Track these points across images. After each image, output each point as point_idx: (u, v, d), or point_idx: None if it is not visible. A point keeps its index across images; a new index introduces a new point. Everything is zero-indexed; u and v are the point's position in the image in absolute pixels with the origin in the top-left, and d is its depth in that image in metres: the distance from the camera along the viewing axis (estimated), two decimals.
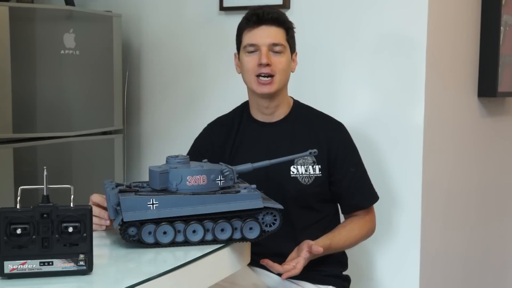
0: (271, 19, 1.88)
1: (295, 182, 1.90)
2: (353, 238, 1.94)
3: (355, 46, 2.46)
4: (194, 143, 2.07)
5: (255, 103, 1.97)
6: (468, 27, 2.72)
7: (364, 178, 2.00)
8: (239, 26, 1.95)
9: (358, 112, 2.44)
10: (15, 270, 1.21)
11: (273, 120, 1.97)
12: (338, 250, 1.93)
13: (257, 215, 1.51)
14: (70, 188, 1.24)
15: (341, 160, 1.93)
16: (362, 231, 1.97)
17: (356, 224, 1.96)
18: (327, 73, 2.50)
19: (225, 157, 1.96)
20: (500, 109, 3.08)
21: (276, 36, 1.88)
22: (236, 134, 2.00)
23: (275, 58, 1.87)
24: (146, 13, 2.90)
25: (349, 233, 1.93)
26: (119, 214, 1.44)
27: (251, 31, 1.89)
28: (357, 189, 1.97)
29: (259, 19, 1.88)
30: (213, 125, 2.07)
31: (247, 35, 1.90)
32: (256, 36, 1.88)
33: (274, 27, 1.88)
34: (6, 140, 2.37)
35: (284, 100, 1.97)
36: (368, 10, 2.42)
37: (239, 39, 1.95)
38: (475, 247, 2.91)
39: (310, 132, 1.94)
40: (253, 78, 1.89)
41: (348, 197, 1.97)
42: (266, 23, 1.87)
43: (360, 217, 1.98)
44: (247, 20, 1.91)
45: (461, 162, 2.72)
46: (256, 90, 1.90)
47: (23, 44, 2.39)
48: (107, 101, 2.73)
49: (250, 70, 1.89)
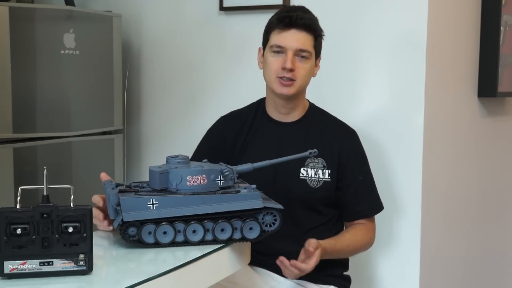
0: (303, 25, 1.86)
1: (303, 184, 1.91)
2: (356, 243, 1.94)
3: (355, 46, 2.46)
4: (206, 135, 2.07)
5: (272, 101, 1.97)
6: (468, 27, 2.72)
7: (371, 187, 2.00)
8: (269, 23, 1.92)
9: (358, 112, 2.44)
10: (15, 270, 1.21)
11: (288, 120, 1.98)
12: (341, 253, 1.93)
13: (257, 215, 1.51)
14: (70, 188, 1.24)
15: (350, 167, 1.93)
16: (365, 238, 1.97)
17: (359, 230, 1.96)
18: (327, 73, 2.50)
19: (235, 151, 1.96)
20: (500, 109, 3.08)
21: (304, 43, 1.86)
22: (249, 130, 2.00)
23: (300, 64, 1.87)
24: (146, 13, 2.90)
25: (352, 237, 1.94)
26: (119, 214, 1.44)
27: (280, 32, 1.87)
28: (363, 197, 1.97)
29: (291, 22, 1.85)
30: (226, 118, 2.07)
31: (275, 35, 1.88)
32: (285, 39, 1.86)
33: (304, 32, 1.86)
34: (6, 140, 2.37)
35: (301, 102, 1.98)
36: (368, 10, 2.42)
37: (267, 37, 1.92)
38: (475, 247, 2.91)
39: (323, 137, 1.95)
40: (275, 79, 1.89)
41: (353, 204, 1.96)
42: (297, 27, 1.86)
43: (363, 225, 1.98)
44: (279, 20, 1.88)
45: (461, 162, 2.72)
46: (275, 90, 1.90)
47: (23, 44, 2.39)
48: (107, 101, 2.73)
49: (272, 70, 1.89)
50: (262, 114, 2.01)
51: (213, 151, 1.96)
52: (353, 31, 2.45)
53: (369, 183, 2.00)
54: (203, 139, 2.07)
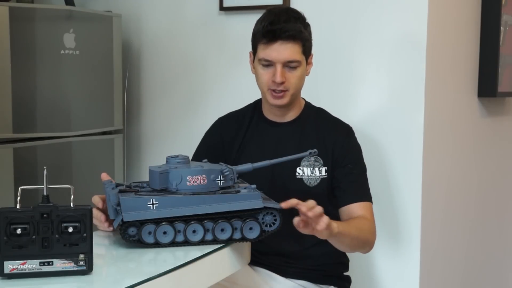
0: (287, 36, 1.82)
1: (300, 184, 1.90)
2: (360, 231, 1.81)
3: (354, 46, 2.46)
4: (205, 137, 2.07)
5: (267, 104, 1.97)
6: (468, 27, 2.72)
7: (360, 178, 1.94)
8: (254, 32, 1.89)
9: (358, 112, 2.44)
10: (15, 270, 1.21)
11: (284, 120, 1.98)
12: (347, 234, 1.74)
13: (257, 215, 1.51)
14: (70, 188, 1.24)
15: (342, 159, 1.92)
16: (367, 231, 1.85)
17: (364, 221, 1.86)
18: (326, 73, 2.50)
19: (233, 152, 1.96)
20: (500, 109, 3.08)
21: (292, 54, 1.83)
22: (246, 131, 2.00)
23: (290, 74, 1.85)
24: (146, 13, 2.90)
25: (358, 224, 1.82)
26: (119, 214, 1.44)
27: (267, 47, 1.83)
28: (349, 183, 1.90)
29: (275, 36, 1.81)
30: (224, 119, 2.07)
31: (262, 49, 1.85)
32: (271, 52, 1.83)
33: (291, 43, 1.82)
34: (6, 140, 2.37)
35: (296, 103, 1.97)
36: (368, 10, 2.42)
37: (255, 46, 1.89)
38: (475, 246, 2.91)
39: (318, 134, 1.94)
40: (267, 90, 1.88)
41: (338, 189, 1.91)
42: (282, 39, 1.82)
43: (366, 220, 1.87)
44: (263, 35, 1.83)
45: (461, 162, 2.72)
46: (269, 101, 1.90)
47: (23, 44, 2.39)
48: (107, 101, 2.73)
49: (264, 83, 1.88)
50: (259, 115, 2.01)
51: (211, 152, 1.96)
52: (353, 31, 2.45)
53: (358, 174, 1.93)
54: (202, 141, 2.07)
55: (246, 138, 1.99)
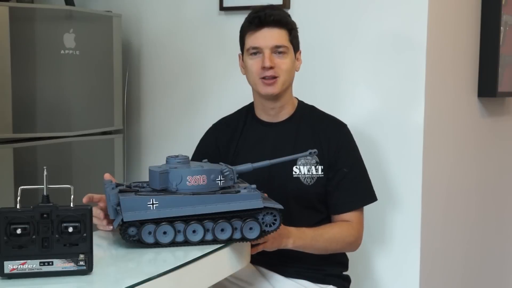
0: (273, 21, 1.87)
1: (297, 183, 1.90)
2: (332, 234, 1.86)
3: (355, 46, 2.46)
4: (199, 144, 2.08)
5: (260, 104, 1.97)
6: (468, 27, 2.72)
7: (355, 181, 1.93)
8: (241, 28, 1.94)
9: (358, 112, 2.44)
10: (15, 270, 1.21)
11: (278, 120, 1.98)
12: (314, 243, 1.83)
13: (257, 215, 1.51)
14: (70, 188, 1.24)
15: (337, 159, 1.92)
16: (345, 235, 1.89)
17: (344, 224, 1.90)
18: (327, 73, 2.50)
19: (229, 157, 1.97)
20: (500, 109, 3.08)
21: (278, 38, 1.87)
22: (241, 135, 2.00)
23: (279, 60, 1.87)
24: (146, 13, 2.90)
25: (330, 231, 1.87)
26: (119, 214, 1.45)
27: (253, 34, 1.88)
28: (343, 191, 1.91)
29: (261, 21, 1.87)
30: (217, 125, 2.08)
31: (249, 38, 1.90)
32: (258, 39, 1.87)
33: (277, 29, 1.87)
34: (6, 140, 2.37)
35: (289, 100, 1.97)
36: (368, 10, 2.42)
37: (242, 41, 1.94)
38: (475, 246, 2.91)
39: (313, 133, 1.94)
40: (258, 80, 1.89)
41: (331, 196, 1.92)
42: (268, 25, 1.87)
43: (347, 223, 1.91)
44: (249, 23, 1.90)
45: (461, 162, 2.72)
46: (261, 92, 1.90)
47: (23, 44, 2.39)
48: (107, 101, 2.73)
49: (254, 73, 1.89)
50: (252, 118, 2.01)
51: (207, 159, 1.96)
52: (353, 31, 2.45)
53: (354, 177, 1.93)
54: (197, 148, 2.07)
55: (241, 140, 1.99)
